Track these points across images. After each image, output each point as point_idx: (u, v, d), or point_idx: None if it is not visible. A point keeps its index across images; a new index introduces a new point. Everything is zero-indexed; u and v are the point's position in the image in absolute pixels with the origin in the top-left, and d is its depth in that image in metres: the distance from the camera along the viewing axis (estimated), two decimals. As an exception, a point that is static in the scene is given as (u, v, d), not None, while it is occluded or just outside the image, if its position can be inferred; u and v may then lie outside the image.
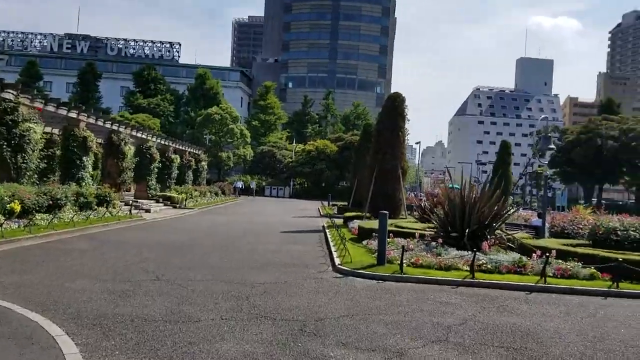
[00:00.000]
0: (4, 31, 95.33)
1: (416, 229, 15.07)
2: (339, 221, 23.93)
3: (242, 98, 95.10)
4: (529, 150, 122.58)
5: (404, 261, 10.86)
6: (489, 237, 12.99)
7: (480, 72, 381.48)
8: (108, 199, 22.09)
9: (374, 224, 16.89)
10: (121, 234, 16.58)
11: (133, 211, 23.40)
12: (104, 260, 11.07)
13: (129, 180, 29.18)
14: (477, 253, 11.26)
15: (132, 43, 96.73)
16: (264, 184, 64.39)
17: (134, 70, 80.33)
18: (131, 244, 14.21)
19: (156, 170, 33.93)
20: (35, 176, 19.42)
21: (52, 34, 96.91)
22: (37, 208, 15.91)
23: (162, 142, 36.48)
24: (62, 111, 22.46)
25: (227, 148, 66.83)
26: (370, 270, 10.71)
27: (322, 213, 33.98)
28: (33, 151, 18.84)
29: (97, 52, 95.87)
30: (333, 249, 14.15)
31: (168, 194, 33.80)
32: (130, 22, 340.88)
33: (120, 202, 26.95)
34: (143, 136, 32.39)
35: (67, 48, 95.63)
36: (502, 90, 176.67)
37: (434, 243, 13.18)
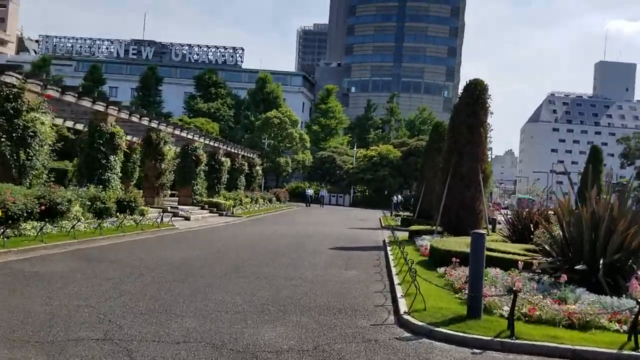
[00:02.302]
0: (73, 37, 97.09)
1: (516, 254, 10.78)
2: (403, 235, 19.84)
3: (303, 103, 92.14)
4: (611, 159, 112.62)
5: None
6: (638, 271, 8.55)
7: (553, 78, 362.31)
8: (133, 204, 19.01)
9: (451, 243, 12.75)
10: (127, 250, 13.22)
11: (165, 219, 20.24)
12: (52, 297, 7.49)
13: (168, 183, 26.28)
14: (624, 298, 7.00)
15: (196, 49, 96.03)
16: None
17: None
18: (126, 265, 10.75)
19: (202, 173, 31.01)
20: (45, 176, 16.57)
21: (118, 40, 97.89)
22: (26, 215, 12.84)
23: (212, 144, 33.58)
24: (86, 103, 19.68)
25: (286, 153, 63.88)
26: (458, 327, 6.57)
27: (383, 224, 29.87)
28: (41, 146, 15.97)
29: (162, 57, 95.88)
30: (396, 279, 10.12)
31: (215, 199, 30.76)
32: (196, 30, 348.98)
33: (158, 208, 24.12)
34: (188, 136, 29.52)
35: (133, 54, 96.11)
36: (579, 96, 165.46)
37: (546, 277, 8.93)
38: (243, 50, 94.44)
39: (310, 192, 54.70)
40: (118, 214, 18.02)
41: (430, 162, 28.36)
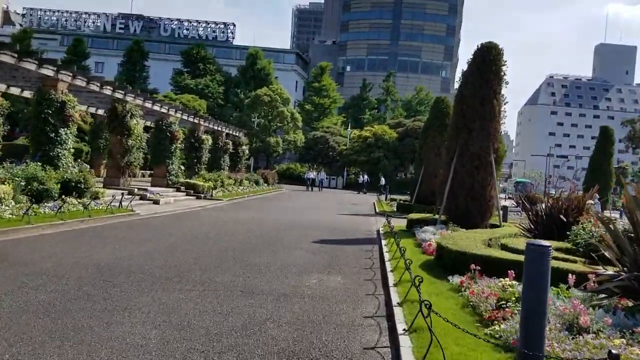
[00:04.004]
0: (58, 10, 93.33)
1: (554, 259, 8.04)
2: (401, 224, 17.14)
3: (297, 82, 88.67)
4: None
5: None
6: None
7: (553, 61, 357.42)
8: (82, 185, 16.10)
9: (464, 240, 9.95)
10: (50, 246, 10.38)
11: (125, 203, 17.37)
12: None
13: (136, 162, 23.34)
14: None
15: (186, 24, 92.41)
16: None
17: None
18: (26, 271, 7.88)
19: (179, 152, 28.11)
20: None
21: (105, 13, 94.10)
22: None
23: (190, 119, 30.60)
24: (29, 65, 16.65)
25: (277, 133, 60.81)
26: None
27: (377, 210, 27.11)
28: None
29: (150, 32, 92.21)
30: (395, 295, 7.31)
31: (193, 181, 27.83)
32: (188, 8, 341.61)
33: (123, 189, 21.26)
34: (162, 110, 26.46)
35: (120, 28, 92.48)
36: (578, 79, 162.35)
37: (609, 301, 6.16)
38: (234, 25, 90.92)
39: (311, 175, 49.24)
40: (63, 196, 15.17)
41: (431, 141, 25.53)
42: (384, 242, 13.36)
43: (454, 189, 15.65)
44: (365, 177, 50.68)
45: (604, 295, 6.37)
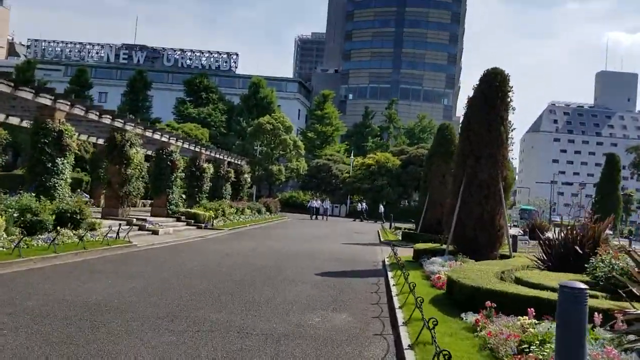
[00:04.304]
0: (62, 42, 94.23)
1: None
2: (406, 253, 16.58)
3: (299, 110, 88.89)
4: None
5: None
6: None
7: (554, 88, 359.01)
8: (78, 216, 15.63)
9: (476, 273, 9.42)
10: (37, 281, 9.84)
11: (122, 234, 16.87)
12: None
13: (135, 192, 22.90)
14: None
15: (189, 53, 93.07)
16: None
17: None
18: (3, 311, 7.42)
19: (179, 181, 27.68)
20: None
21: (109, 44, 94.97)
22: None
23: (192, 148, 30.26)
24: (25, 94, 16.36)
25: (280, 161, 60.55)
26: None
27: (382, 239, 26.51)
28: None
29: (153, 62, 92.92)
30: (404, 335, 6.73)
31: (193, 210, 27.34)
32: (192, 39, 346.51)
33: (121, 220, 20.80)
34: (162, 139, 26.15)
35: (124, 58, 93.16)
36: (580, 106, 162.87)
37: (633, 338, 5.62)
38: (237, 55, 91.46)
39: (315, 204, 48.04)
40: (58, 228, 14.69)
41: (435, 168, 25.10)
42: (390, 274, 12.80)
43: (461, 218, 15.15)
44: (364, 205, 50.51)
45: (634, 337, 5.81)
